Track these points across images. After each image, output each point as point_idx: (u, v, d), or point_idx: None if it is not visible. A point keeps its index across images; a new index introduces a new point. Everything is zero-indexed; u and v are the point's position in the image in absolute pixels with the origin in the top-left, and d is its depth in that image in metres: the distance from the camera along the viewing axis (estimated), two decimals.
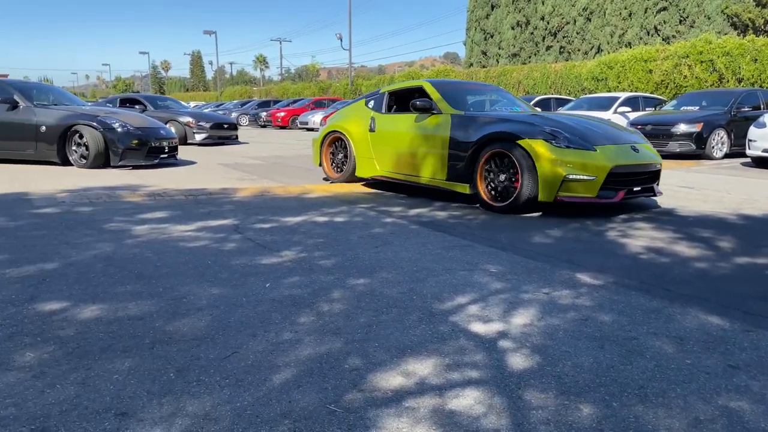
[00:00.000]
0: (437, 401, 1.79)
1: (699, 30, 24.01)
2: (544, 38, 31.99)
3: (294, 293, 2.78)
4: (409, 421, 1.67)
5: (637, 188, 5.04)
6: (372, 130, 6.38)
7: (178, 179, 7.26)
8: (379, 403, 1.76)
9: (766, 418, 1.71)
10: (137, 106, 14.10)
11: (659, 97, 15.32)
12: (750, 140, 9.29)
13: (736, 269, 3.33)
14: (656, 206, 5.54)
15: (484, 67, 32.84)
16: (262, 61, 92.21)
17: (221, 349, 2.13)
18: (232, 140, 15.17)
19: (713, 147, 10.64)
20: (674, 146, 10.50)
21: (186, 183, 6.90)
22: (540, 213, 5.06)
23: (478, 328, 2.38)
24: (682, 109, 11.89)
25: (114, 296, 2.70)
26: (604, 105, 13.47)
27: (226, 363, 2.02)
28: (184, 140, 13.68)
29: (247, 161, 10.11)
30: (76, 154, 8.29)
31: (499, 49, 34.47)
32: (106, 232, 4.10)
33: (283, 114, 26.26)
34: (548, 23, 31.58)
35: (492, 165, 5.17)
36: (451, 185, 5.51)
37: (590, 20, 29.58)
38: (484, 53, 35.61)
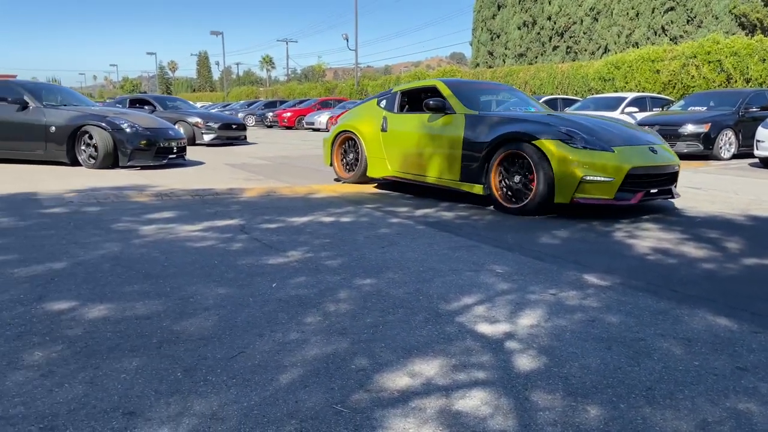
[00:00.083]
0: (444, 402, 1.78)
1: (707, 30, 23.85)
2: (551, 38, 31.88)
3: (300, 293, 2.79)
4: (415, 421, 1.67)
5: (654, 190, 4.96)
6: (384, 130, 6.33)
7: (185, 179, 7.29)
8: (385, 404, 1.76)
9: None
10: (146, 107, 14.15)
11: (667, 97, 15.24)
12: (758, 141, 9.22)
13: (744, 270, 3.31)
14: (663, 207, 5.51)
15: (490, 67, 32.78)
16: (268, 62, 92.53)
17: (228, 349, 2.14)
18: (241, 141, 15.10)
19: (721, 147, 10.58)
20: (682, 147, 10.44)
21: (193, 183, 6.92)
22: (555, 215, 5.03)
23: (485, 328, 2.38)
24: (689, 109, 11.82)
25: (122, 296, 2.72)
26: (611, 105, 13.41)
27: (233, 363, 2.03)
28: (192, 141, 13.71)
29: (254, 161, 10.14)
30: (85, 155, 8.33)
31: (506, 49, 34.39)
32: (113, 231, 4.12)
33: (289, 114, 26.31)
34: (555, 23, 31.47)
35: (506, 165, 5.12)
36: (465, 186, 5.46)
37: (597, 20, 29.45)
38: (491, 53, 35.53)
